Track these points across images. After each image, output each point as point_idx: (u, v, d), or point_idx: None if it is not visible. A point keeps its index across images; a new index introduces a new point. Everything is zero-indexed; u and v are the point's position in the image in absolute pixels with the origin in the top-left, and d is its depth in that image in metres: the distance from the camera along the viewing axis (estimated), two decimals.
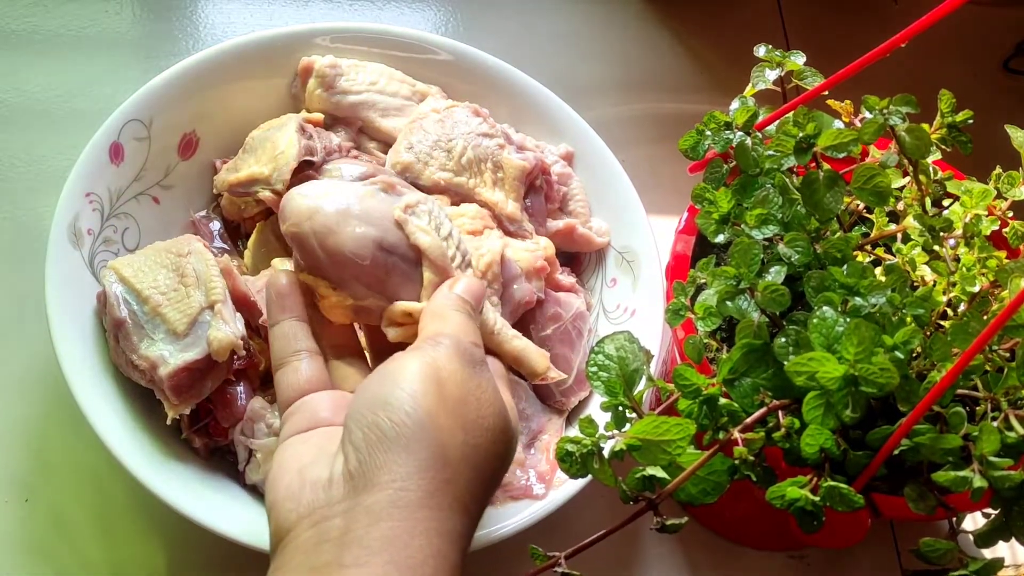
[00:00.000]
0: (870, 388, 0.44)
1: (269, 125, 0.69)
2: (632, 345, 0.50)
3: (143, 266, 0.62)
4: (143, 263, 0.62)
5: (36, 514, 0.65)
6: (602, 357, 0.50)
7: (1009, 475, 0.44)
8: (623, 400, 0.48)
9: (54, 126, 0.78)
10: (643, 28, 0.93)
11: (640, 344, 0.51)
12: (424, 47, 0.75)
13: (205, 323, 0.59)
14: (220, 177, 0.68)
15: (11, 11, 0.82)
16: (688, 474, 0.46)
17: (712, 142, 0.58)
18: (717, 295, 0.50)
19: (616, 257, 0.73)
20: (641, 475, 0.46)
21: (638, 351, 0.50)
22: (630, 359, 0.50)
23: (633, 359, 0.50)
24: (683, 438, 0.45)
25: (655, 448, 0.46)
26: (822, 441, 0.45)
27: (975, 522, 0.50)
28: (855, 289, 0.49)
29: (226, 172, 0.68)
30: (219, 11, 0.87)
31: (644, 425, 0.46)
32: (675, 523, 0.46)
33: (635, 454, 0.46)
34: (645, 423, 0.46)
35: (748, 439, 0.46)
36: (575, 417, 0.69)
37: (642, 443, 0.46)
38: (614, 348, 0.50)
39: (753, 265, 0.50)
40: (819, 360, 0.45)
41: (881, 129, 0.53)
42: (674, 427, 0.45)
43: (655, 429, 0.46)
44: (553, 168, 0.73)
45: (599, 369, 0.50)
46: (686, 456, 0.46)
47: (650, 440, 0.46)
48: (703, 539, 0.71)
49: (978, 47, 0.97)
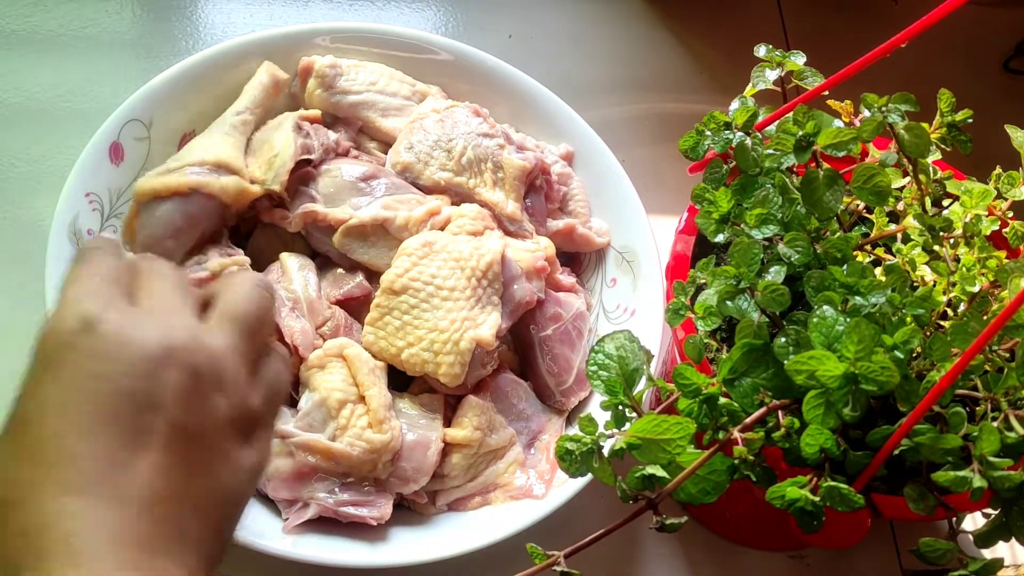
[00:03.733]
0: (870, 386, 0.44)
1: (267, 126, 0.69)
2: (632, 344, 0.50)
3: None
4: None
5: None
6: (602, 356, 0.50)
7: (1009, 475, 0.44)
8: (623, 399, 0.48)
9: (54, 126, 0.78)
10: (643, 28, 0.93)
11: (640, 344, 0.51)
12: (424, 47, 0.75)
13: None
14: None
15: (11, 11, 0.82)
16: (688, 473, 0.46)
17: (712, 142, 0.58)
18: (717, 295, 0.51)
19: (616, 257, 0.73)
20: (641, 474, 0.46)
21: (638, 350, 0.50)
22: (630, 358, 0.50)
23: (633, 358, 0.50)
24: (683, 437, 0.46)
25: (655, 447, 0.46)
26: (822, 441, 0.45)
27: (975, 522, 0.50)
28: (855, 289, 0.49)
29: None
30: (219, 11, 0.87)
31: (644, 424, 0.46)
32: (674, 522, 0.46)
33: (635, 453, 0.46)
34: (645, 422, 0.46)
35: (748, 439, 0.46)
36: (575, 417, 0.69)
37: (642, 442, 0.46)
38: (614, 347, 0.50)
39: (753, 265, 0.50)
40: (819, 359, 0.45)
41: (880, 127, 0.53)
42: (674, 426, 0.45)
43: (655, 428, 0.46)
44: (553, 168, 0.73)
45: (599, 368, 0.50)
46: (686, 455, 0.46)
47: (650, 439, 0.46)
48: (703, 539, 0.71)
49: (978, 47, 0.97)
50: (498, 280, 0.64)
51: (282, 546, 0.58)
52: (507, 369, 0.67)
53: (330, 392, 0.61)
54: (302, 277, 0.65)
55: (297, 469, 0.60)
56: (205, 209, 0.64)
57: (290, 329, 0.62)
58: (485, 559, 0.59)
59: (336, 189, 0.67)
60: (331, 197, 0.67)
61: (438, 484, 0.64)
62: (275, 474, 0.60)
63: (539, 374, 0.68)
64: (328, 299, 0.65)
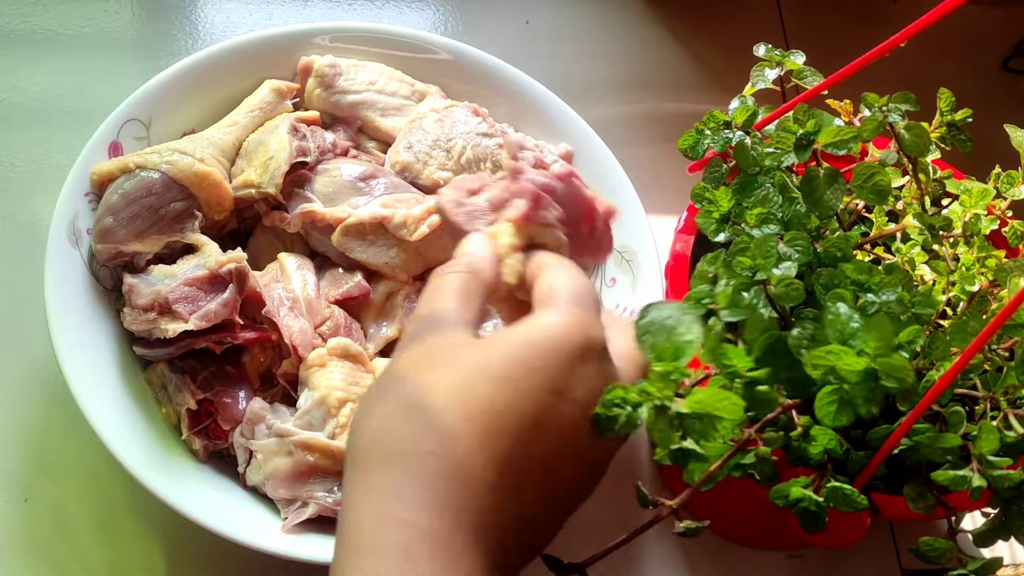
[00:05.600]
0: (890, 383, 0.43)
1: (263, 128, 0.69)
2: (687, 317, 0.45)
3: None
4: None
5: (36, 514, 0.65)
6: (648, 321, 0.45)
7: (1008, 474, 0.44)
8: (680, 367, 0.44)
9: (53, 126, 0.78)
10: (643, 28, 0.93)
11: (695, 316, 0.46)
12: (423, 46, 0.75)
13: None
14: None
15: (10, 11, 0.82)
16: (720, 464, 0.43)
17: (711, 141, 0.58)
18: (733, 287, 0.49)
19: (615, 256, 0.73)
20: (678, 447, 0.43)
21: (692, 323, 0.45)
22: (682, 330, 0.45)
23: (686, 331, 0.45)
24: (732, 419, 0.42)
25: (709, 422, 0.42)
26: (826, 442, 0.45)
27: (974, 521, 0.50)
28: (866, 286, 0.49)
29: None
30: (218, 11, 0.87)
31: (707, 395, 0.42)
32: (696, 526, 0.45)
33: (689, 422, 0.42)
34: (708, 392, 0.42)
35: (769, 438, 0.45)
36: None
37: (703, 413, 0.42)
38: (663, 315, 0.45)
39: (770, 257, 0.49)
40: (838, 353, 0.44)
41: (880, 126, 0.53)
42: (731, 405, 0.42)
43: (718, 402, 0.42)
44: (552, 167, 0.73)
45: (647, 332, 0.45)
46: (714, 445, 0.44)
47: (709, 413, 0.42)
48: (703, 538, 0.71)
49: (978, 47, 0.97)
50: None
51: (281, 545, 0.58)
52: None
53: (330, 391, 0.61)
54: (300, 277, 0.65)
55: (296, 468, 0.60)
56: (149, 187, 0.63)
57: (289, 329, 0.62)
58: None
59: (335, 189, 0.67)
60: (330, 197, 0.67)
61: None
62: (274, 473, 0.60)
63: None
64: (327, 299, 0.65)
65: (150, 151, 0.65)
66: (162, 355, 0.62)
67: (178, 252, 0.65)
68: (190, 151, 0.64)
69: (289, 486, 0.60)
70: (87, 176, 0.64)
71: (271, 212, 0.68)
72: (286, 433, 0.60)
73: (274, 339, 0.63)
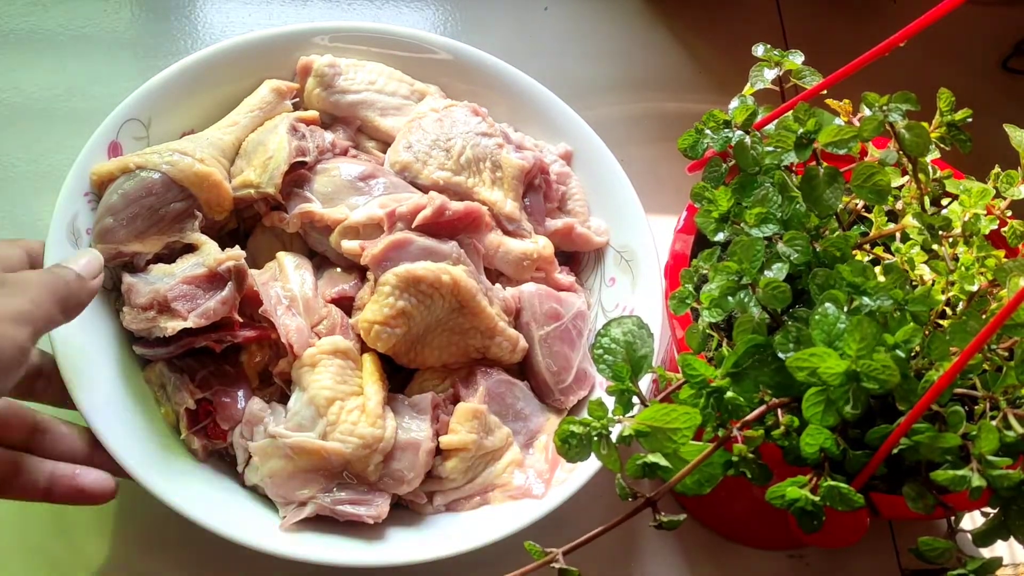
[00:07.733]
0: (871, 384, 0.44)
1: (262, 128, 0.69)
2: (641, 331, 0.49)
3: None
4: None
5: (36, 514, 0.65)
6: (608, 340, 0.49)
7: (1007, 474, 0.44)
8: (629, 385, 0.47)
9: (53, 126, 0.78)
10: (643, 28, 0.93)
11: (649, 330, 0.49)
12: (423, 46, 0.75)
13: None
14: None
15: (10, 11, 0.82)
16: (693, 466, 0.45)
17: (711, 141, 0.58)
18: (719, 289, 0.50)
19: (615, 256, 0.73)
20: (643, 461, 0.45)
21: (646, 337, 0.49)
22: (638, 344, 0.49)
23: (641, 345, 0.49)
24: (689, 428, 0.44)
25: (662, 436, 0.45)
26: (821, 441, 0.45)
27: (973, 521, 0.50)
28: (862, 288, 0.49)
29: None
30: (218, 11, 0.87)
31: (653, 412, 0.45)
32: (673, 520, 0.46)
33: (642, 440, 0.45)
34: (654, 410, 0.45)
35: (748, 436, 0.46)
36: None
37: (651, 429, 0.45)
38: (621, 332, 0.49)
39: (755, 261, 0.50)
40: (820, 356, 0.44)
41: (880, 126, 0.53)
42: (682, 416, 0.44)
43: (664, 416, 0.44)
44: (552, 167, 0.73)
45: (604, 352, 0.48)
46: (688, 448, 0.45)
47: (658, 427, 0.45)
48: (702, 538, 0.71)
49: (977, 47, 0.97)
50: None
51: (280, 545, 0.58)
52: (500, 371, 0.67)
53: (319, 391, 0.60)
54: (298, 276, 0.65)
55: (292, 470, 0.60)
56: (149, 187, 0.63)
57: (286, 327, 0.62)
58: (484, 558, 0.59)
59: (335, 188, 0.67)
60: (329, 196, 0.67)
61: (436, 485, 0.64)
62: (271, 474, 0.60)
63: (538, 372, 0.68)
64: (324, 298, 0.65)
65: (150, 151, 0.65)
66: (162, 354, 0.62)
67: (178, 252, 0.65)
68: (190, 151, 0.64)
69: (287, 487, 0.60)
70: (87, 176, 0.64)
71: (270, 212, 0.68)
72: (279, 435, 0.60)
73: (273, 337, 0.63)
